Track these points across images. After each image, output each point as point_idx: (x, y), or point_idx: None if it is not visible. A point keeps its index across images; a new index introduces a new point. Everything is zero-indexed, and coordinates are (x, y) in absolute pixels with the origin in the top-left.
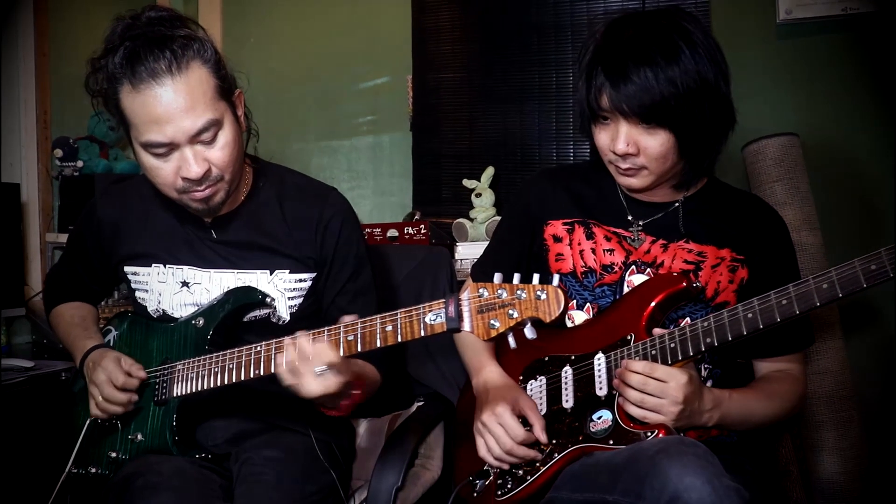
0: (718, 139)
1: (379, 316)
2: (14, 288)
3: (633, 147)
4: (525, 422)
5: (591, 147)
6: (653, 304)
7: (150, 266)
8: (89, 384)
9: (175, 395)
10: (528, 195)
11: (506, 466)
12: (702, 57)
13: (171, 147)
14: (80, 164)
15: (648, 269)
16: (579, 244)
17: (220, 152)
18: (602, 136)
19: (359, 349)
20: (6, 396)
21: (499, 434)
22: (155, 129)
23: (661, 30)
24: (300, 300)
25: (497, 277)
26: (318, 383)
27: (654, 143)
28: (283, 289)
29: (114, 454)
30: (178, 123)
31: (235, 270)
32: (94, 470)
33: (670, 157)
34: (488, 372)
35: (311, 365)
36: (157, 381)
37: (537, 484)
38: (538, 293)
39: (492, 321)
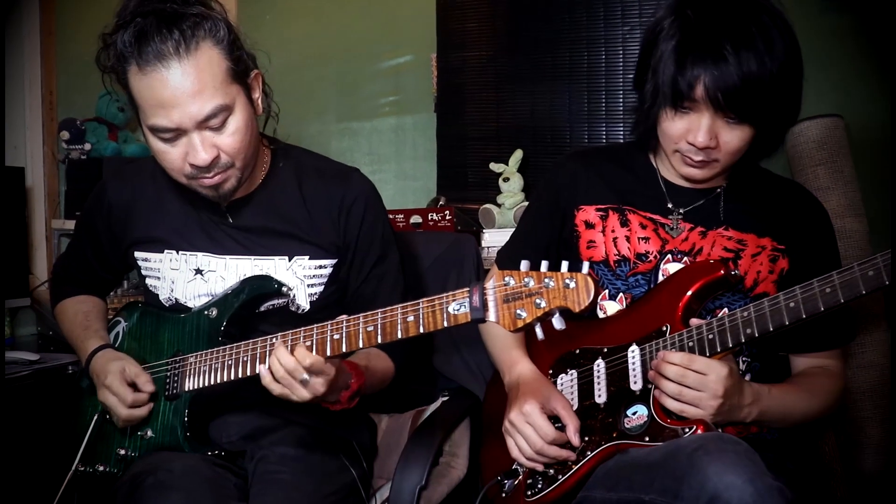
0: (785, 133)
1: (400, 306)
2: (18, 277)
3: (713, 141)
4: (557, 421)
5: (641, 129)
6: (689, 292)
7: (163, 252)
8: (101, 401)
9: (187, 389)
10: (559, 178)
11: (539, 467)
12: (792, 47)
13: (178, 132)
14: (87, 146)
15: (686, 258)
16: (613, 231)
17: (229, 139)
18: (677, 125)
19: (379, 340)
20: (10, 391)
21: (528, 434)
22: (161, 113)
23: (759, 22)
24: (321, 288)
25: (524, 265)
26: (306, 391)
27: (735, 138)
28: (302, 276)
29: (123, 451)
30: (184, 108)
31: (252, 257)
32: (101, 468)
33: (743, 151)
34: (520, 368)
35: (294, 375)
36: (168, 374)
37: (569, 483)
38: (567, 281)
39: (518, 311)
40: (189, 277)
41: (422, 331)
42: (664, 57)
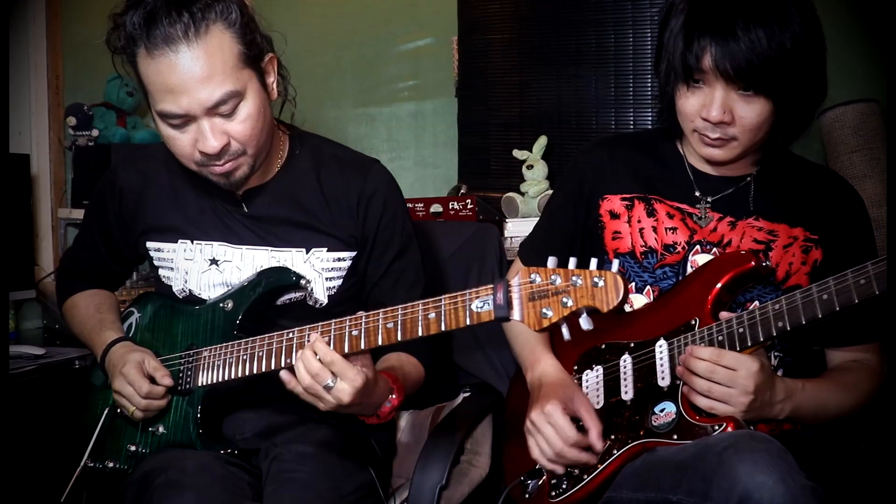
0: (811, 113)
1: (421, 302)
2: (23, 268)
3: (727, 115)
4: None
5: (665, 114)
6: (719, 285)
7: (176, 242)
8: (114, 394)
9: (200, 384)
10: (583, 167)
11: (559, 470)
12: (809, 21)
13: (188, 118)
14: (95, 132)
15: (714, 249)
16: (639, 222)
17: (240, 125)
18: (691, 101)
19: (398, 338)
20: (15, 387)
21: (548, 434)
22: (169, 98)
23: None
24: (339, 281)
25: (551, 262)
26: (330, 397)
27: (751, 112)
28: (320, 268)
29: (133, 448)
30: (193, 95)
31: (269, 248)
32: (111, 464)
33: (763, 129)
34: (543, 365)
35: (319, 380)
36: (181, 368)
37: (595, 483)
38: (595, 280)
39: (544, 310)
40: (204, 268)
41: (443, 328)
42: (674, 32)
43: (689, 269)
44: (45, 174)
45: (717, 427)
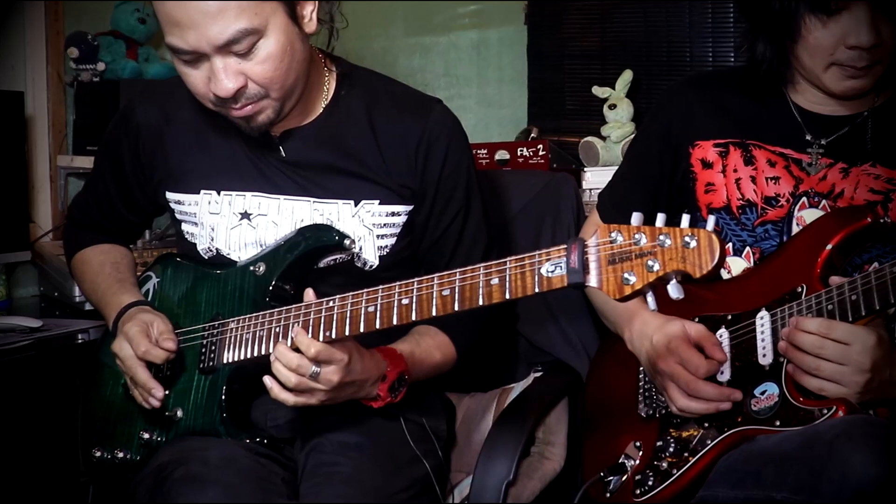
0: None
1: (483, 266)
2: (17, 226)
3: (877, 37)
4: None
5: (767, 62)
6: (829, 246)
7: (199, 193)
8: (113, 352)
9: (225, 361)
10: (670, 109)
11: (699, 409)
12: None
13: (198, 55)
14: (100, 66)
15: (824, 202)
16: (735, 171)
17: (259, 66)
18: (831, 31)
19: (455, 307)
20: (6, 364)
21: (679, 374)
22: (176, 32)
23: None
24: (392, 240)
25: (636, 218)
26: (321, 384)
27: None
28: (370, 224)
29: (147, 435)
30: (201, 31)
31: (311, 199)
32: (121, 454)
33: None
34: (645, 316)
35: (302, 372)
36: (205, 343)
37: (687, 479)
38: (686, 239)
39: (625, 275)
40: (233, 223)
41: (508, 297)
42: None
43: (796, 227)
44: (41, 115)
45: (825, 411)
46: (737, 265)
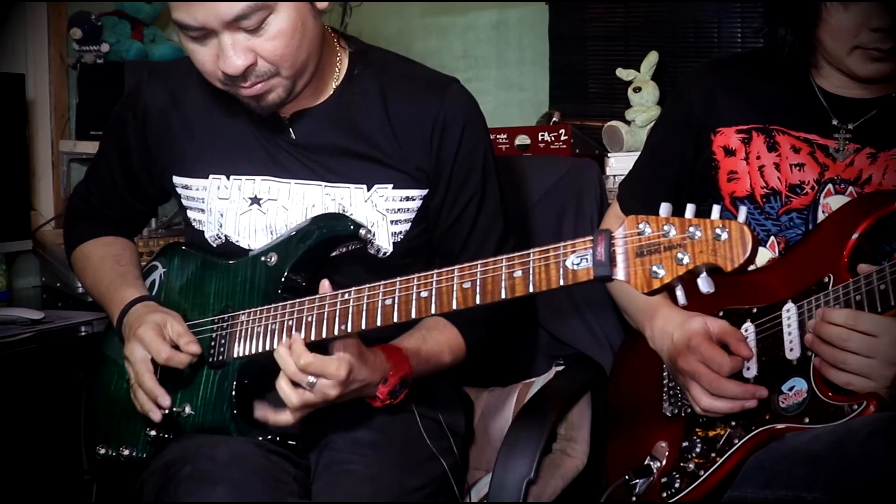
0: None
1: (506, 257)
2: (17, 214)
3: None
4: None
5: (791, 47)
6: (856, 234)
7: (207, 178)
8: (126, 362)
9: (236, 355)
10: (690, 94)
11: (723, 408)
12: None
13: (206, 31)
14: (104, 47)
15: (851, 189)
16: (758, 158)
17: (270, 43)
18: (852, 13)
19: (477, 301)
20: (7, 358)
21: (701, 373)
22: (183, 8)
23: None
24: (407, 226)
25: (664, 209)
26: (313, 394)
27: None
28: (384, 209)
29: (154, 432)
30: (209, 6)
31: (322, 183)
32: (126, 451)
33: None
34: (667, 312)
35: (298, 380)
36: (214, 336)
37: (715, 479)
38: (717, 231)
39: (654, 268)
40: (243, 208)
41: (531, 290)
42: None
43: (821, 215)
44: (43, 98)
45: (855, 406)
46: (762, 256)
